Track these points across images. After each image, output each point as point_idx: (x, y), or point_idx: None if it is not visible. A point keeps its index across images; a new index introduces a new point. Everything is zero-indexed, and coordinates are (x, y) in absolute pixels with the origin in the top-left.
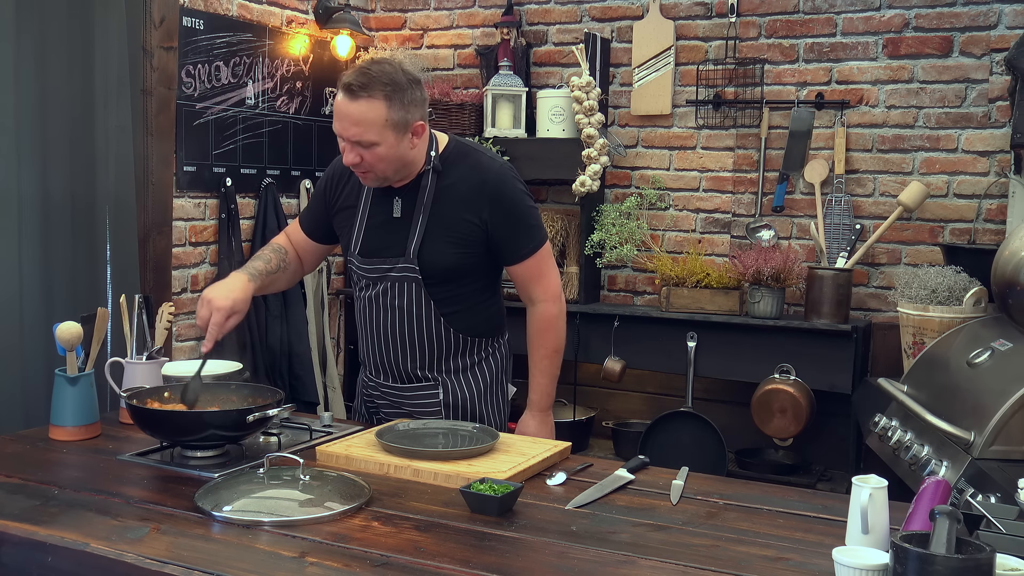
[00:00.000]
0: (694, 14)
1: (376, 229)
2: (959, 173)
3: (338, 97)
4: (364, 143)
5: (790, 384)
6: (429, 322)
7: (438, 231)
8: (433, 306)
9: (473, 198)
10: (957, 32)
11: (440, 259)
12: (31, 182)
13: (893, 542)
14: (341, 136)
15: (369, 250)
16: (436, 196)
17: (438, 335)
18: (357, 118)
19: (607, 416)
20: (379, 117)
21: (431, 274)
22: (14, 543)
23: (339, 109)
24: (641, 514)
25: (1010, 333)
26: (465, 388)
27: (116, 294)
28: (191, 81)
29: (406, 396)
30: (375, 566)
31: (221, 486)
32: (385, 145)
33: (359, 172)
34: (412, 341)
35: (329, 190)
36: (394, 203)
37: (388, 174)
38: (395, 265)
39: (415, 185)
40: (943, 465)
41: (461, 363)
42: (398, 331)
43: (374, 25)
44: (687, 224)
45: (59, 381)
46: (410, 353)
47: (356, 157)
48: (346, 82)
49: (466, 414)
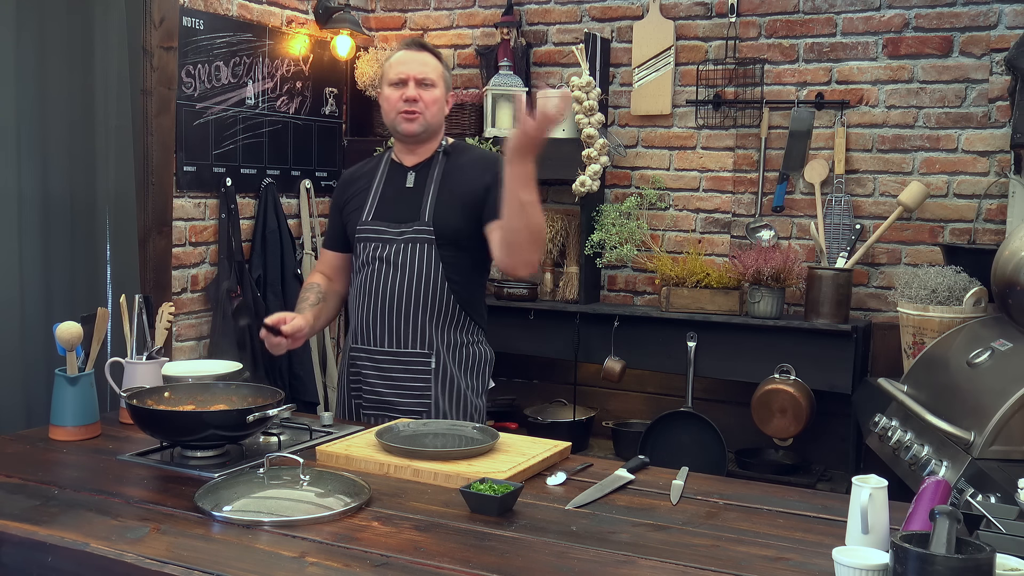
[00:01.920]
0: (694, 14)
1: (389, 199)
2: (959, 173)
3: (399, 53)
4: (426, 82)
5: (790, 384)
6: (435, 283)
7: (448, 198)
8: (441, 268)
9: (478, 172)
10: (957, 32)
11: (451, 221)
12: (31, 182)
13: (893, 542)
14: (407, 77)
15: (381, 215)
16: (446, 170)
17: (441, 299)
18: (423, 61)
19: (607, 416)
20: (438, 66)
21: (441, 234)
22: (14, 543)
23: (405, 57)
24: (641, 514)
25: (1010, 333)
26: (454, 365)
27: (116, 294)
28: (191, 81)
29: (398, 364)
30: (375, 566)
31: (221, 486)
32: (438, 90)
33: (412, 112)
34: (417, 301)
35: (341, 194)
36: (408, 176)
37: (430, 121)
38: (410, 227)
39: (428, 163)
40: (943, 465)
41: (454, 338)
42: (405, 290)
43: (374, 25)
44: (687, 224)
45: (59, 381)
46: (413, 314)
47: (416, 94)
48: (412, 40)
49: (451, 389)
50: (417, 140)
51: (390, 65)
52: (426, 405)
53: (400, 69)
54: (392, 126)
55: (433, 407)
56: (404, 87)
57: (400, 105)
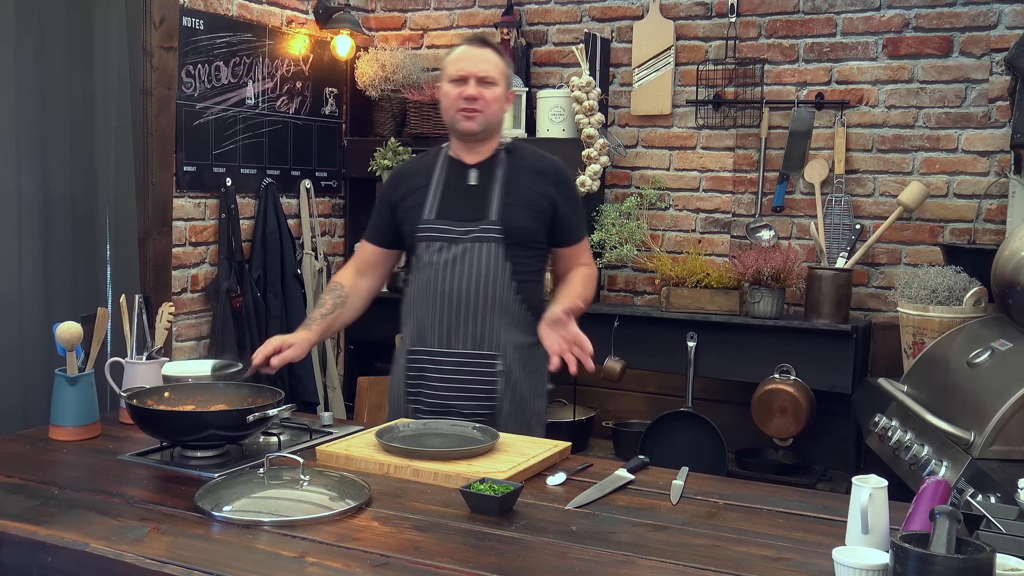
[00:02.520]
0: (694, 14)
1: (452, 196)
2: (959, 173)
3: (460, 49)
4: (488, 80)
5: (790, 384)
6: (503, 283)
7: (513, 197)
8: (509, 267)
9: (541, 177)
10: (957, 32)
11: (518, 221)
12: (31, 182)
13: (893, 542)
14: (467, 74)
15: (445, 213)
16: (509, 169)
17: (509, 298)
18: (485, 58)
19: (607, 416)
20: (500, 64)
21: (509, 234)
22: (14, 543)
23: (468, 53)
24: (641, 514)
25: (1010, 333)
26: (518, 368)
27: (116, 294)
28: (191, 81)
29: (465, 367)
30: (375, 566)
31: (221, 486)
32: (499, 88)
33: (472, 109)
34: (485, 302)
35: (392, 188)
36: (470, 173)
37: (489, 119)
38: (477, 226)
39: (490, 161)
40: (943, 465)
41: (520, 339)
42: (473, 291)
43: (374, 25)
44: (687, 224)
45: (59, 381)
46: (481, 315)
47: (476, 92)
48: (474, 36)
49: (514, 393)
50: (476, 138)
51: (451, 61)
52: (491, 408)
53: (461, 66)
54: (451, 123)
55: (497, 410)
56: (464, 84)
57: (460, 103)
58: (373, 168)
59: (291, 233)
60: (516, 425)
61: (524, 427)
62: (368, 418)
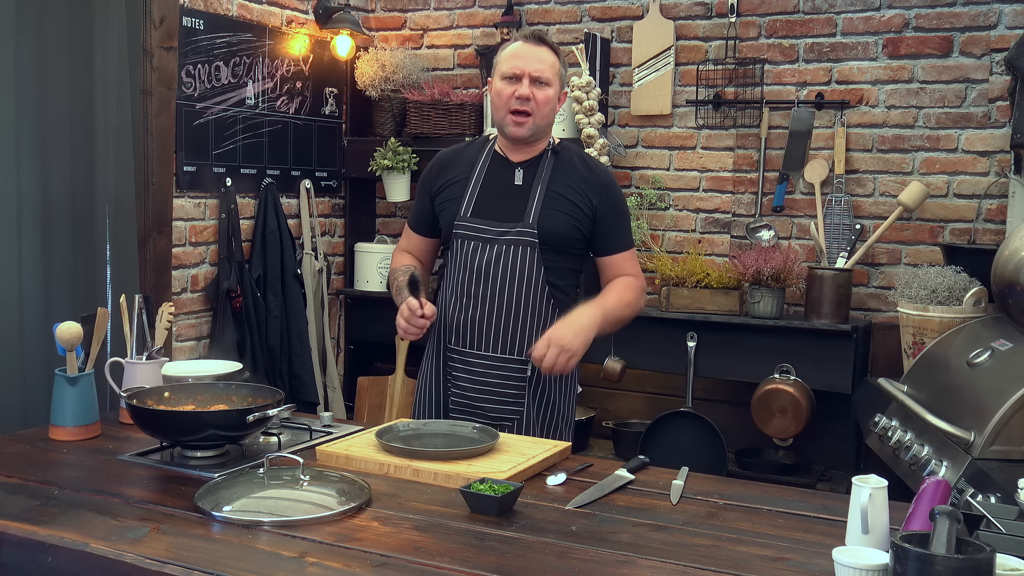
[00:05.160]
0: (694, 14)
1: (491, 194)
2: (959, 173)
3: (515, 45)
4: (541, 80)
5: (790, 384)
6: (537, 289)
7: (554, 200)
8: (543, 273)
9: (585, 183)
10: (957, 32)
11: (555, 226)
12: (31, 182)
13: (893, 542)
14: (521, 72)
15: (482, 211)
16: (553, 171)
17: (542, 304)
18: (541, 57)
19: (607, 416)
20: (555, 63)
21: (545, 239)
22: (14, 543)
23: (522, 51)
24: (641, 514)
25: (1010, 333)
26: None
27: (116, 294)
28: (191, 81)
29: (493, 370)
30: (375, 566)
31: (221, 486)
32: (552, 89)
33: (523, 111)
34: (518, 307)
35: (432, 177)
36: (515, 172)
37: (540, 123)
38: (513, 228)
39: (536, 161)
40: (943, 465)
41: None
42: (506, 296)
43: (374, 25)
44: (687, 224)
45: (59, 381)
46: (513, 320)
47: (529, 92)
48: (530, 32)
49: (542, 398)
50: (525, 141)
51: (505, 57)
52: (518, 413)
53: (515, 63)
54: (500, 124)
55: (525, 414)
56: (517, 83)
57: (512, 103)
58: (373, 168)
59: (291, 233)
60: (544, 429)
61: (552, 431)
62: (368, 418)
